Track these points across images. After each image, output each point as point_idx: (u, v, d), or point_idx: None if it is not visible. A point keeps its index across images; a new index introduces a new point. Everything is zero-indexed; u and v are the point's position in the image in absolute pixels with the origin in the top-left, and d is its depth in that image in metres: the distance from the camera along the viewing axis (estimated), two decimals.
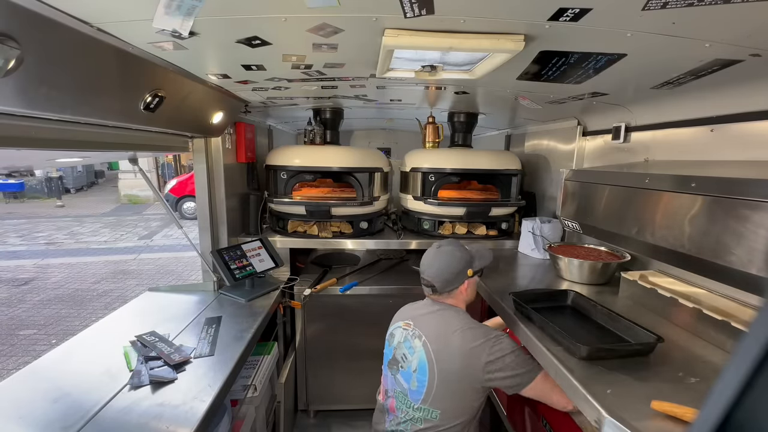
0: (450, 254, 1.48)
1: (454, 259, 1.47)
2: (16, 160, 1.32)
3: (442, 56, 1.28)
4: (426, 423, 1.37)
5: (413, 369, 1.40)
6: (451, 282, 1.47)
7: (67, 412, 1.15)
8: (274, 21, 0.97)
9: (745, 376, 0.28)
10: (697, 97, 1.39)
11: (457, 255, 1.48)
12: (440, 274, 1.47)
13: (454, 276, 1.46)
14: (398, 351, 1.48)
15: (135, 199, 12.94)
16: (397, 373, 1.47)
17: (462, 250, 1.50)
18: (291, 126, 3.40)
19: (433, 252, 1.51)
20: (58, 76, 0.90)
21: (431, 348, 1.38)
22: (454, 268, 1.46)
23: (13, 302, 5.07)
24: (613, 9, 0.85)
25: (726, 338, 1.16)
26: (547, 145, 2.55)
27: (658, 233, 1.31)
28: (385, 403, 1.53)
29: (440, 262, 1.48)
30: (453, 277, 1.46)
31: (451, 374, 1.34)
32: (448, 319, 1.43)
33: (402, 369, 1.45)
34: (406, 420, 1.41)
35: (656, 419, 0.87)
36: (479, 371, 1.31)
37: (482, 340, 1.33)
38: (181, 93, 1.46)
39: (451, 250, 1.49)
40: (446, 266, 1.47)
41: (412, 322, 1.49)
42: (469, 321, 1.43)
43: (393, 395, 1.49)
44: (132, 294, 5.32)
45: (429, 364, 1.36)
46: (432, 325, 1.44)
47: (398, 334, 1.52)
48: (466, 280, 1.48)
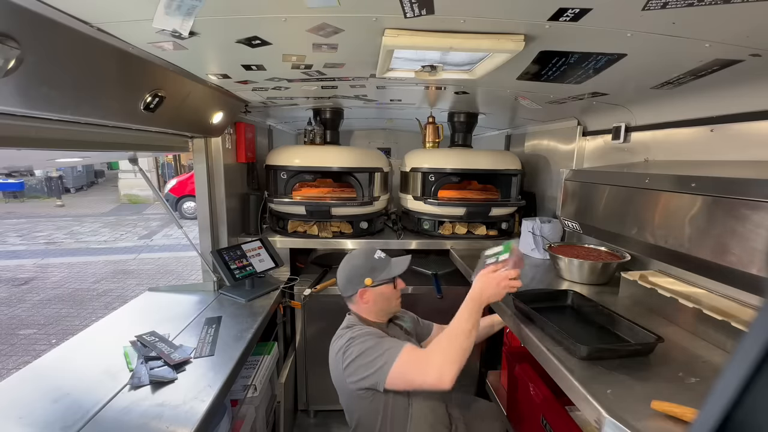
0: (349, 261, 1.50)
1: (351, 266, 1.48)
2: (16, 160, 1.32)
3: (442, 56, 1.28)
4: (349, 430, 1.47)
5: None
6: (346, 287, 1.48)
7: (67, 412, 1.15)
8: (274, 21, 0.97)
9: (745, 376, 0.28)
10: (697, 97, 1.39)
11: (356, 263, 1.48)
12: (339, 278, 1.51)
13: (350, 281, 1.47)
14: None
15: (135, 199, 12.94)
16: None
17: (364, 260, 1.49)
18: (291, 126, 3.40)
19: (344, 259, 1.54)
20: (58, 76, 0.90)
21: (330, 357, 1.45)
22: (350, 273, 1.47)
23: (13, 302, 5.07)
24: (613, 9, 0.85)
25: (726, 338, 1.16)
26: (547, 145, 2.55)
27: (658, 233, 1.31)
28: None
29: (342, 266, 1.51)
30: (348, 282, 1.47)
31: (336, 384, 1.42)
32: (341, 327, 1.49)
33: None
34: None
35: (656, 419, 0.87)
36: (344, 377, 1.33)
37: (338, 348, 1.36)
38: (181, 93, 1.46)
39: (353, 257, 1.51)
40: (343, 271, 1.50)
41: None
42: (346, 327, 1.44)
43: None
44: (132, 294, 5.32)
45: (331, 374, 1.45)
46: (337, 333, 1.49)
47: None
48: (360, 289, 1.45)
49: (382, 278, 1.46)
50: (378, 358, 1.27)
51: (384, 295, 1.48)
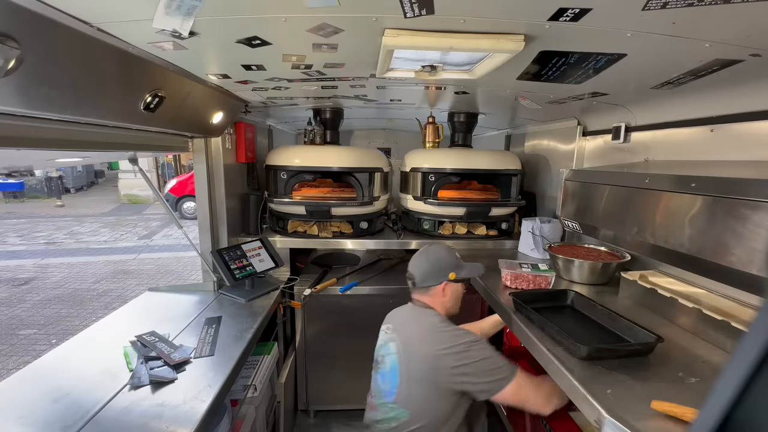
0: (435, 253, 1.54)
1: (438, 258, 1.52)
2: (16, 160, 1.32)
3: (442, 56, 1.28)
4: (397, 422, 1.41)
5: (387, 369, 1.46)
6: (428, 277, 1.49)
7: (67, 412, 1.15)
8: (274, 21, 0.97)
9: (745, 376, 0.28)
10: (697, 97, 1.39)
11: (442, 255, 1.53)
12: (420, 267, 1.51)
13: (433, 272, 1.49)
14: (379, 352, 1.54)
15: (135, 199, 12.94)
16: (377, 373, 1.52)
17: (450, 255, 1.54)
18: (291, 126, 3.40)
19: (422, 248, 1.58)
20: (58, 76, 0.90)
21: (402, 350, 1.43)
22: (435, 265, 1.50)
23: (13, 302, 5.07)
24: (613, 9, 0.85)
25: (726, 338, 1.16)
26: (547, 145, 2.56)
27: (658, 233, 1.31)
28: (369, 401, 1.57)
29: (424, 256, 1.54)
30: (432, 272, 1.49)
31: (419, 375, 1.37)
32: (421, 321, 1.46)
33: (380, 369, 1.50)
34: (383, 419, 1.45)
35: (656, 419, 0.87)
36: (446, 375, 1.32)
37: (450, 345, 1.34)
38: (181, 93, 1.46)
39: (437, 250, 1.55)
40: (427, 261, 1.52)
41: (392, 325, 1.54)
42: (441, 323, 1.43)
43: (374, 394, 1.53)
44: (132, 294, 5.32)
45: (399, 365, 1.42)
46: (406, 328, 1.48)
47: (381, 336, 1.57)
48: (444, 281, 1.49)
49: (463, 275, 1.52)
50: (498, 370, 1.30)
51: (458, 293, 1.54)
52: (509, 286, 1.74)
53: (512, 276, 1.73)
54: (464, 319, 2.41)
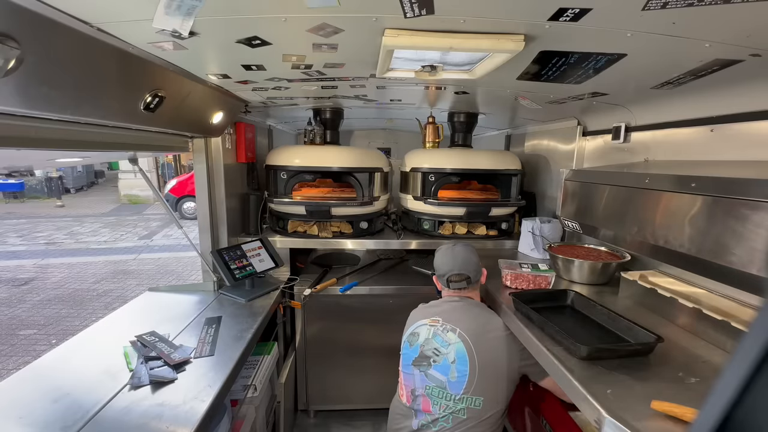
0: (471, 250, 1.62)
1: (474, 252, 1.62)
2: (16, 160, 1.32)
3: (442, 56, 1.28)
4: (470, 413, 1.40)
5: (451, 360, 1.43)
6: (478, 271, 1.60)
7: (67, 412, 1.15)
8: (274, 21, 0.97)
9: (745, 376, 0.28)
10: (697, 97, 1.39)
11: (473, 249, 1.64)
12: (473, 264, 1.59)
13: (479, 266, 1.60)
14: (427, 347, 1.50)
15: (135, 199, 12.94)
16: (428, 369, 1.47)
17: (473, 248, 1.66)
18: (291, 126, 3.40)
19: (458, 248, 1.62)
20: (58, 76, 0.90)
21: (469, 338, 1.45)
22: (477, 260, 1.60)
23: (13, 302, 5.06)
24: (613, 9, 0.85)
25: (726, 338, 1.16)
26: (547, 145, 2.56)
27: (658, 233, 1.31)
28: (414, 403, 1.51)
29: (469, 256, 1.59)
30: (478, 267, 1.60)
31: (492, 362, 1.43)
32: (478, 311, 1.54)
33: (435, 363, 1.46)
34: (446, 414, 1.41)
35: (656, 419, 0.87)
36: (516, 360, 1.43)
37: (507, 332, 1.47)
38: (181, 93, 1.46)
39: (469, 247, 1.63)
40: (473, 258, 1.60)
41: (440, 318, 1.53)
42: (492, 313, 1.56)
43: (424, 393, 1.47)
44: (132, 294, 5.32)
45: (469, 353, 1.43)
46: (464, 318, 1.50)
47: (424, 332, 1.54)
48: (485, 271, 1.64)
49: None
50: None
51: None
52: (509, 286, 1.74)
53: (512, 276, 1.73)
54: None
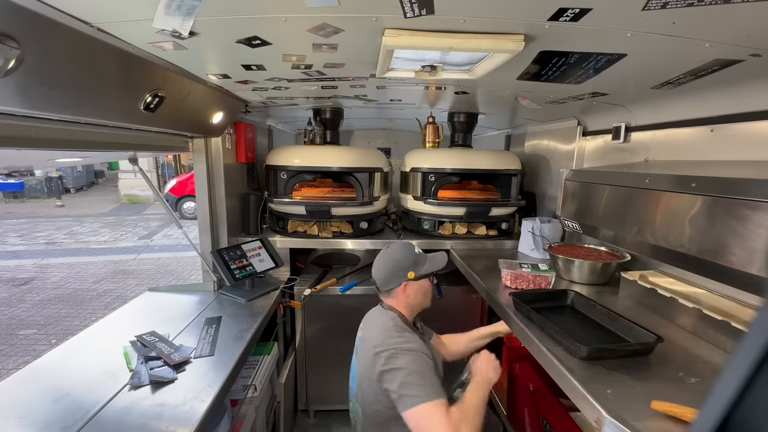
0: (390, 255, 1.51)
1: (393, 260, 1.49)
2: (16, 160, 1.32)
3: (442, 56, 1.28)
4: (357, 417, 1.48)
5: (352, 365, 1.55)
6: (388, 281, 1.48)
7: (67, 412, 1.15)
8: (274, 21, 0.97)
9: (745, 376, 0.28)
10: (697, 97, 1.39)
11: (398, 257, 1.49)
12: (379, 272, 1.50)
13: (391, 276, 1.47)
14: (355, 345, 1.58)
15: (135, 199, 12.94)
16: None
17: (405, 252, 1.50)
18: (291, 126, 3.40)
19: (381, 252, 1.55)
20: (58, 76, 0.90)
21: (358, 349, 1.49)
22: (391, 268, 1.48)
23: (13, 302, 5.06)
24: (613, 9, 0.85)
25: (726, 338, 1.16)
26: (547, 145, 2.55)
27: (658, 233, 1.31)
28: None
29: (381, 261, 1.52)
30: (390, 276, 1.48)
31: (363, 374, 1.40)
32: (377, 321, 1.46)
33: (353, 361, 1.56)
34: (351, 414, 1.55)
35: (656, 419, 0.87)
36: (375, 376, 1.30)
37: (384, 348, 1.31)
38: (181, 93, 1.46)
39: (394, 251, 1.52)
40: (384, 266, 1.50)
41: (363, 323, 1.58)
42: (391, 326, 1.39)
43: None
44: (132, 294, 5.32)
45: (356, 362, 1.48)
46: (366, 328, 1.51)
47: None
48: (404, 282, 1.47)
49: (423, 271, 1.49)
50: (416, 387, 1.22)
51: (423, 289, 1.52)
52: (509, 286, 1.74)
53: (512, 276, 1.73)
54: (464, 320, 2.42)
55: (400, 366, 1.26)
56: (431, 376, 1.28)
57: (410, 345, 1.33)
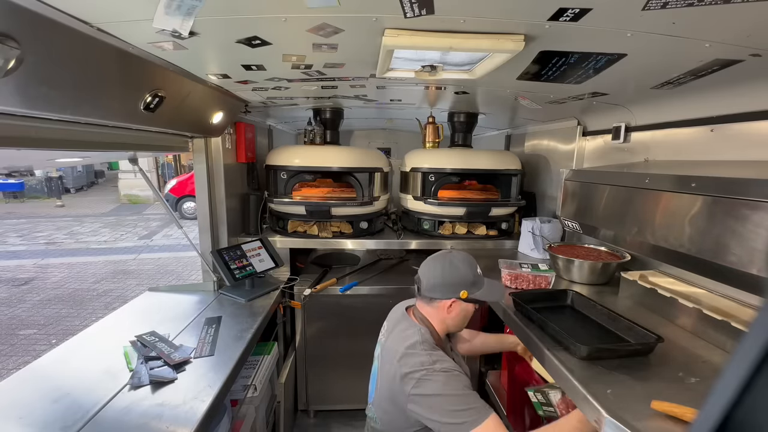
0: (452, 263, 1.33)
1: (454, 269, 1.32)
2: (16, 160, 1.32)
3: (442, 56, 1.28)
4: (372, 423, 1.38)
5: (373, 371, 1.44)
6: (437, 288, 1.32)
7: (67, 412, 1.15)
8: (274, 21, 0.97)
9: (745, 376, 0.28)
10: (697, 97, 1.39)
11: (460, 268, 1.32)
12: (430, 275, 1.34)
13: (444, 285, 1.31)
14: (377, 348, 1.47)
15: (135, 199, 12.94)
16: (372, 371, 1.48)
17: (469, 269, 1.33)
18: (291, 126, 3.40)
19: (441, 254, 1.39)
20: (58, 76, 0.90)
21: (383, 356, 1.35)
22: (448, 277, 1.31)
23: (13, 302, 5.06)
24: (613, 9, 0.85)
25: (726, 338, 1.16)
26: (547, 145, 2.55)
27: (658, 233, 1.31)
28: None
29: (440, 263, 1.35)
30: (442, 285, 1.31)
31: (385, 388, 1.29)
32: (404, 333, 1.32)
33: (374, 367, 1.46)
34: (369, 416, 1.42)
35: (656, 419, 0.87)
36: (404, 400, 1.19)
37: (413, 369, 1.19)
38: (181, 93, 1.46)
39: (457, 261, 1.34)
40: (441, 271, 1.33)
41: (386, 324, 1.48)
42: (422, 344, 1.26)
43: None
44: (132, 294, 5.32)
45: (378, 370, 1.36)
46: (391, 337, 1.36)
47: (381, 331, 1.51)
48: (453, 298, 1.31)
49: (477, 296, 1.32)
50: (459, 413, 1.11)
51: (466, 314, 1.36)
52: (509, 286, 1.74)
53: (512, 276, 1.74)
54: None
55: (434, 392, 1.14)
56: (471, 394, 1.16)
57: (442, 365, 1.19)
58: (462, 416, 1.10)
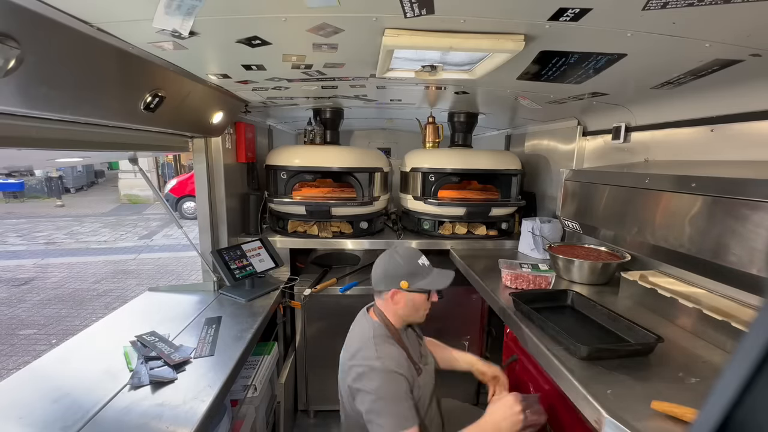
0: (392, 257, 1.41)
1: (393, 262, 1.39)
2: (16, 160, 1.32)
3: (442, 56, 1.28)
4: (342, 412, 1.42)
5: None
6: (380, 282, 1.40)
7: (67, 412, 1.15)
8: (274, 21, 0.97)
9: (745, 376, 0.28)
10: (697, 97, 1.39)
11: (397, 261, 1.39)
12: (375, 270, 1.43)
13: (385, 278, 1.39)
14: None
15: (135, 199, 12.94)
16: None
17: (407, 259, 1.40)
18: (291, 126, 3.40)
19: (387, 251, 1.47)
20: (58, 76, 0.90)
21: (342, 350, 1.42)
22: (389, 270, 1.39)
23: (13, 302, 5.06)
24: (613, 9, 0.85)
25: (726, 338, 1.16)
26: (547, 145, 2.55)
27: (658, 233, 1.31)
28: None
29: (382, 259, 1.44)
30: (384, 277, 1.39)
31: (341, 378, 1.37)
32: (360, 329, 1.41)
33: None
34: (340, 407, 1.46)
35: (656, 419, 0.87)
36: (347, 388, 1.28)
37: (357, 363, 1.26)
38: (181, 93, 1.46)
39: (397, 253, 1.42)
40: (383, 265, 1.42)
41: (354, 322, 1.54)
42: (370, 337, 1.33)
43: None
44: (132, 294, 5.32)
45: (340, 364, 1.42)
46: (352, 328, 1.49)
47: None
48: (393, 289, 1.37)
49: (419, 286, 1.37)
50: (383, 416, 1.17)
51: (414, 304, 1.40)
52: (509, 286, 1.74)
53: (512, 276, 1.74)
54: (464, 320, 2.42)
55: (368, 389, 1.21)
56: (401, 402, 1.20)
57: (383, 363, 1.24)
58: (383, 419, 1.17)
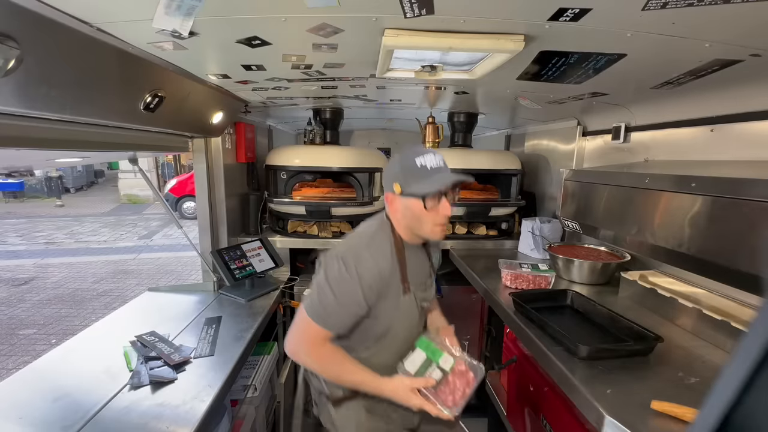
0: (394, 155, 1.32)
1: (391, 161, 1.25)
2: (16, 160, 1.32)
3: (442, 56, 1.28)
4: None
5: None
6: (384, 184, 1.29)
7: (67, 412, 1.15)
8: (274, 21, 0.97)
9: (745, 376, 0.28)
10: (697, 97, 1.39)
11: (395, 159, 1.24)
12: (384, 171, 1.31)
13: (385, 179, 1.26)
14: None
15: (135, 199, 12.94)
16: None
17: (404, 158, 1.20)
18: (291, 126, 3.40)
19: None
20: (58, 76, 0.90)
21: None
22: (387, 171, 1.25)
23: (12, 302, 5.06)
24: (613, 9, 0.85)
25: (726, 338, 1.16)
26: (547, 145, 2.56)
27: (658, 233, 1.31)
28: None
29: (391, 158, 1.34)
30: (384, 179, 1.27)
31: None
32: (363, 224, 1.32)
33: None
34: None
35: (656, 419, 0.87)
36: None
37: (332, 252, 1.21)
38: (181, 93, 1.46)
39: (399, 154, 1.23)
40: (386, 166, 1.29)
41: None
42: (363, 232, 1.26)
43: None
44: (132, 294, 5.32)
45: None
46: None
47: None
48: (389, 193, 1.22)
49: (411, 191, 1.16)
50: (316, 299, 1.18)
51: (412, 212, 1.18)
52: (509, 286, 1.74)
53: (512, 276, 1.74)
54: (464, 319, 2.42)
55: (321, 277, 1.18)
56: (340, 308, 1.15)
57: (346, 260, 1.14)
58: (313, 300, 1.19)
